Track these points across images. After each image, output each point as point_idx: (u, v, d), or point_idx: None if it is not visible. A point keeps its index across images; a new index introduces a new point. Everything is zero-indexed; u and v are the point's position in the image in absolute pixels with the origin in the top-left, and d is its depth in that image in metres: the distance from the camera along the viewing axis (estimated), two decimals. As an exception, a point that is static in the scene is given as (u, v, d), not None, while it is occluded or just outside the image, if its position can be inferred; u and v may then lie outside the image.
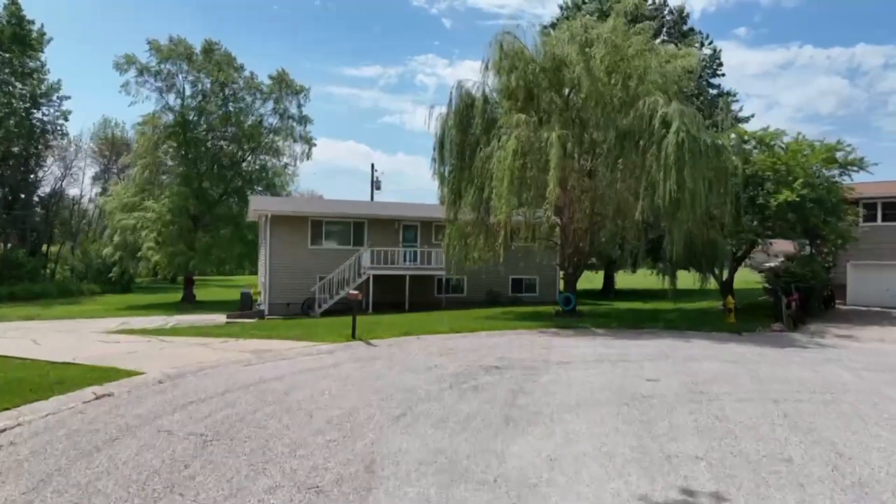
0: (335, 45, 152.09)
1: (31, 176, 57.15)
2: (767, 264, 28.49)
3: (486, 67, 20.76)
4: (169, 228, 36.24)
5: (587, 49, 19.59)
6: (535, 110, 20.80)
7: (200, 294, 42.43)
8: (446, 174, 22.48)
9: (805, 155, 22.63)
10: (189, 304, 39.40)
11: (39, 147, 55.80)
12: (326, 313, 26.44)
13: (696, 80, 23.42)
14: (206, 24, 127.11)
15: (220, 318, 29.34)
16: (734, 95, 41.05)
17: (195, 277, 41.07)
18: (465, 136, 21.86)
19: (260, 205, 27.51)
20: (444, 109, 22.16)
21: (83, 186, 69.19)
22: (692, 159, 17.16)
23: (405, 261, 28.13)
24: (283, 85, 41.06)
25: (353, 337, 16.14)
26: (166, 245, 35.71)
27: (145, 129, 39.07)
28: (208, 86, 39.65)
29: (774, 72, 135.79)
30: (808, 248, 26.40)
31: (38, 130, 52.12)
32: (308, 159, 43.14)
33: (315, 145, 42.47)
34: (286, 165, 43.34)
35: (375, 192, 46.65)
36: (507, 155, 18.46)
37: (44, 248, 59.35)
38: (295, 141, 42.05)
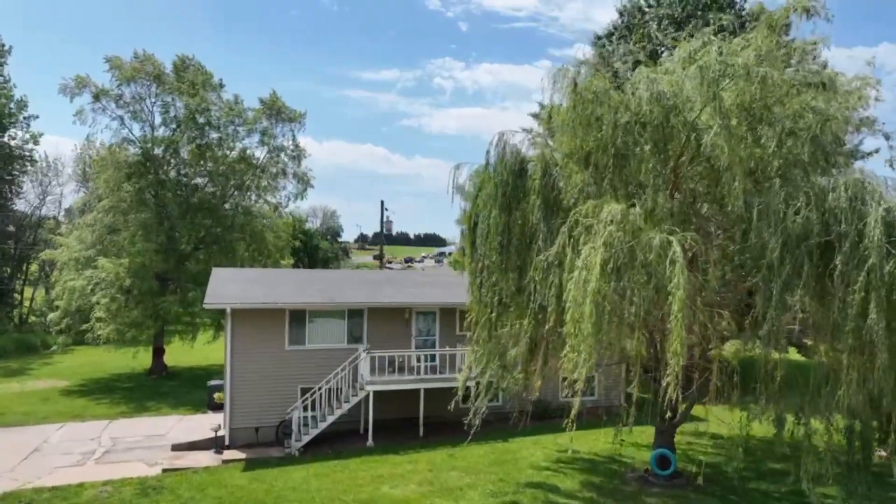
0: (352, 48, 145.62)
1: (7, 203, 50.58)
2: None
3: (549, 117, 12.99)
4: (127, 295, 28.87)
5: (716, 87, 11.68)
6: (620, 185, 12.96)
7: (176, 357, 35.06)
8: (479, 274, 14.71)
9: None
10: (159, 376, 32.09)
11: (14, 173, 49.19)
12: (311, 444, 18.81)
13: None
14: (218, 34, 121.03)
15: (172, 427, 21.87)
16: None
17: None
18: (511, 217, 14.09)
19: (217, 295, 19.85)
20: (464, 173, 14.56)
21: (62, 213, 62.35)
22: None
23: (419, 363, 20.39)
24: (273, 112, 33.53)
25: None
26: (119, 315, 28.31)
27: (105, 164, 31.72)
28: (182, 112, 32.25)
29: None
30: None
31: (4, 154, 45.42)
32: (303, 199, 35.74)
33: (312, 186, 34.89)
34: (276, 207, 35.81)
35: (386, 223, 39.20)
36: (593, 275, 10.62)
37: (18, 287, 52.68)
38: (286, 178, 34.49)
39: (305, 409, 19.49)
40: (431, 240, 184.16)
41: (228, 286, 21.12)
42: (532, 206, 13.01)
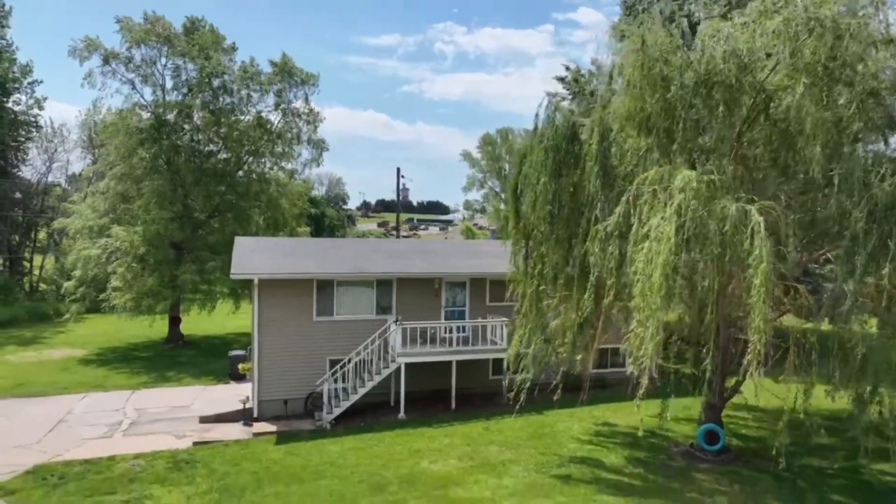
0: (352, 13, 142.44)
1: (12, 170, 49.72)
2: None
3: (611, 77, 12.12)
4: (142, 264, 28.30)
5: (795, 42, 10.82)
6: (684, 150, 12.20)
7: (192, 326, 34.67)
8: (524, 244, 14.06)
9: None
10: (175, 345, 31.74)
11: (20, 139, 48.30)
12: (342, 417, 18.45)
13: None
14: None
15: (196, 398, 21.53)
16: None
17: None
18: (559, 183, 13.37)
19: (243, 266, 19.24)
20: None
21: (70, 180, 61.37)
22: None
23: (449, 334, 19.90)
24: (285, 74, 32.44)
25: None
26: (136, 284, 27.77)
27: (116, 130, 30.78)
28: (193, 76, 31.20)
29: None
30: None
31: (9, 119, 44.45)
32: (319, 166, 34.82)
33: (327, 149, 33.94)
34: (292, 174, 34.96)
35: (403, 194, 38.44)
36: (664, 246, 9.97)
37: (27, 255, 52.13)
38: (301, 144, 33.56)
39: (335, 381, 19.08)
40: (435, 207, 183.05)
41: (254, 256, 20.50)
42: (589, 173, 12.27)
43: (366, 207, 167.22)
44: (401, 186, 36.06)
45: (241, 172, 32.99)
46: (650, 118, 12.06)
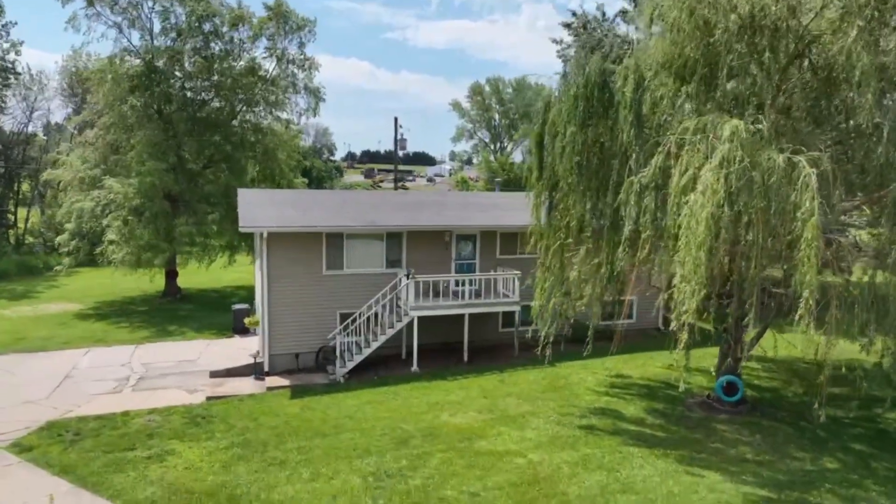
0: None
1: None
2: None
3: (651, 19, 11.56)
4: (138, 216, 27.58)
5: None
6: (724, 99, 11.79)
7: (187, 279, 34.13)
8: (548, 196, 13.71)
9: None
10: (173, 299, 31.31)
11: (-2, 86, 46.32)
12: (354, 371, 18.35)
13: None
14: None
15: (201, 352, 21.30)
16: None
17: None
18: (588, 133, 12.95)
19: (251, 218, 18.72)
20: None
21: (49, 130, 59.32)
22: None
23: (460, 287, 19.71)
24: (280, 18, 31.11)
25: None
26: (133, 238, 27.11)
27: (104, 77, 29.51)
28: (183, 19, 29.81)
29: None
30: None
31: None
32: (315, 116, 33.84)
33: (324, 99, 32.88)
34: (288, 124, 33.93)
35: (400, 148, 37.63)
36: (709, 199, 9.66)
37: (11, 207, 50.77)
38: (297, 93, 32.49)
39: (348, 335, 18.89)
40: (422, 158, 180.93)
41: (261, 209, 19.98)
42: (623, 123, 11.83)
43: (351, 158, 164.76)
44: (399, 136, 35.10)
45: (235, 122, 31.98)
46: (688, 64, 11.60)
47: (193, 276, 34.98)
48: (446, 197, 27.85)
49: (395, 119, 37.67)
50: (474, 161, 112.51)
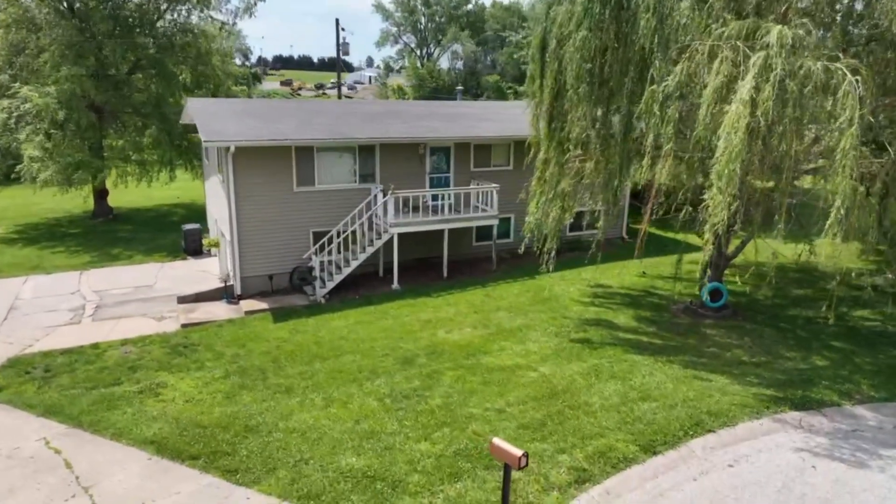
0: None
1: None
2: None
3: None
4: (61, 129, 24.78)
5: None
6: (745, 5, 11.41)
7: (117, 198, 31.48)
8: (552, 105, 13.14)
9: None
10: (106, 219, 29.00)
11: None
12: (334, 291, 17.74)
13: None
14: None
15: (157, 276, 19.94)
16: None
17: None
18: (600, 36, 12.31)
19: (215, 132, 17.05)
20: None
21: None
22: None
23: (439, 202, 19.16)
24: None
25: None
26: (59, 153, 24.45)
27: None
28: None
29: None
30: None
31: None
32: (251, 17, 30.92)
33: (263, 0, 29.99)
34: (223, 25, 30.87)
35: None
36: (745, 109, 9.45)
37: None
38: (231, -10, 29.40)
39: (327, 254, 18.12)
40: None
41: (221, 122, 18.25)
42: (646, 28, 11.24)
43: (264, 64, 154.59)
44: (342, 40, 32.72)
45: (161, 23, 28.74)
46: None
47: (122, 194, 32.30)
48: (413, 106, 26.50)
49: (337, 21, 34.82)
50: (395, 68, 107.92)
